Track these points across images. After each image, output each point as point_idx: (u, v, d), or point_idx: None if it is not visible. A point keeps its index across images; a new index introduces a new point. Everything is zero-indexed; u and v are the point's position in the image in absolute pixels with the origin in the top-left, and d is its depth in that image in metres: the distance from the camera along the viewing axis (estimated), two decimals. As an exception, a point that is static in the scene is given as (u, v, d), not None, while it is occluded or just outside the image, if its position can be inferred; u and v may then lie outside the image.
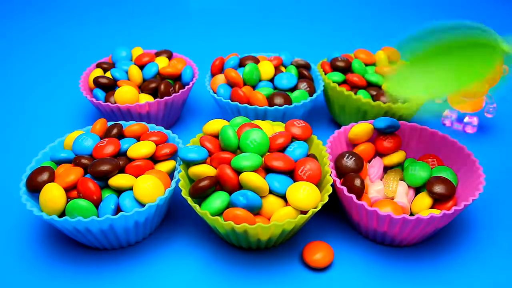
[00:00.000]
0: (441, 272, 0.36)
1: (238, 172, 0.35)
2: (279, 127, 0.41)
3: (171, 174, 0.39)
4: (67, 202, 0.35)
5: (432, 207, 0.38)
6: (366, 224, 0.37)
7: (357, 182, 0.37)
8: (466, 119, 0.52)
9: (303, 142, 0.39)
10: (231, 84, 0.48)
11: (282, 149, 0.38)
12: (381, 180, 0.41)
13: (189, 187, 0.36)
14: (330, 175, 0.37)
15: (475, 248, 0.39)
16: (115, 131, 0.41)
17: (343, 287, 0.35)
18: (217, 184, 0.36)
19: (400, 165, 0.43)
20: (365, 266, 0.37)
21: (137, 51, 0.54)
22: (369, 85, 0.50)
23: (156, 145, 0.40)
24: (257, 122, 0.41)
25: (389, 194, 0.39)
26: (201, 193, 0.35)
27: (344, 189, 0.36)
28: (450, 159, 0.42)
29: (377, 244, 0.39)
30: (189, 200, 0.35)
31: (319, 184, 0.38)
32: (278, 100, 0.46)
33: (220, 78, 0.50)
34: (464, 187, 0.39)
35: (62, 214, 0.35)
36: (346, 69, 0.51)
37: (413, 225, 0.35)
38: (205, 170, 0.36)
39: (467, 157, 0.40)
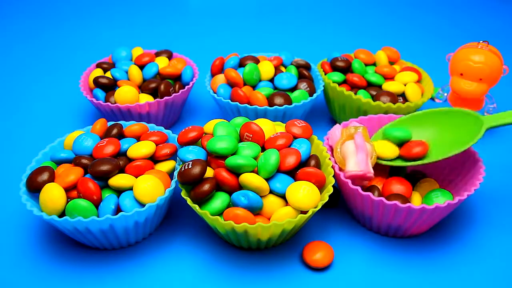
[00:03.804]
0: (444, 263, 0.36)
1: (234, 172, 0.35)
2: (279, 127, 0.41)
3: (171, 174, 0.39)
4: (67, 202, 0.35)
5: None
6: (370, 215, 0.38)
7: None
8: (466, 119, 0.52)
9: (306, 140, 0.38)
10: (231, 84, 0.48)
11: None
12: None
13: (190, 189, 0.36)
14: (333, 176, 0.37)
15: (476, 240, 0.39)
16: (115, 131, 0.41)
17: (343, 287, 0.35)
18: (217, 186, 0.36)
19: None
20: (365, 266, 0.37)
21: (137, 51, 0.54)
22: (369, 85, 0.50)
23: (156, 145, 0.40)
24: (258, 120, 0.41)
25: (338, 160, 0.38)
26: (202, 198, 0.35)
27: (349, 181, 0.37)
28: None
29: (380, 237, 0.39)
30: (189, 201, 0.35)
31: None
32: (278, 100, 0.46)
33: (220, 78, 0.50)
34: (465, 179, 0.40)
35: (62, 214, 0.35)
36: (346, 69, 0.51)
37: (418, 214, 0.35)
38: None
39: (467, 151, 0.41)
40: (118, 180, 0.36)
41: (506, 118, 0.38)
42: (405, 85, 0.49)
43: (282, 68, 0.51)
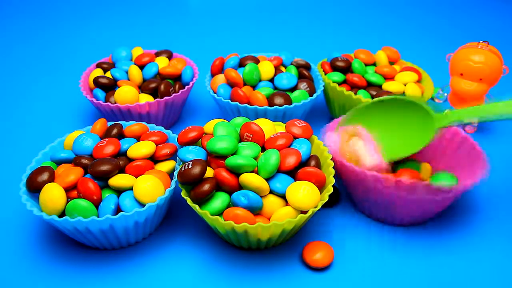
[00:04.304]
0: (444, 263, 0.37)
1: (234, 172, 0.35)
2: (279, 127, 0.41)
3: (171, 174, 0.39)
4: (67, 202, 0.35)
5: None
6: (374, 197, 0.38)
7: None
8: (466, 119, 0.52)
9: (306, 140, 0.38)
10: (231, 84, 0.48)
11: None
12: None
13: (190, 189, 0.36)
14: (334, 176, 0.37)
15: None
16: (115, 131, 0.41)
17: (343, 287, 0.35)
18: (217, 186, 0.36)
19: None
20: (365, 266, 0.37)
21: (137, 51, 0.54)
22: (369, 85, 0.50)
23: (156, 145, 0.40)
24: (258, 120, 0.41)
25: (350, 160, 0.38)
26: (202, 198, 0.35)
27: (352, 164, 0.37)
28: (452, 146, 0.42)
29: (380, 237, 0.39)
30: (189, 201, 0.35)
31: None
32: (278, 100, 0.46)
33: (220, 78, 0.50)
34: (465, 173, 0.40)
35: (62, 214, 0.35)
36: (346, 69, 0.51)
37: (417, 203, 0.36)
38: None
39: (469, 145, 0.41)
40: (118, 180, 0.36)
41: (457, 116, 0.37)
42: (405, 85, 0.49)
43: (282, 68, 0.51)
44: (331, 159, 0.38)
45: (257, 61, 0.50)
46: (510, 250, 0.38)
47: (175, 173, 0.38)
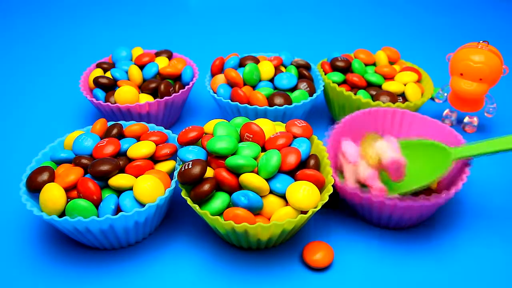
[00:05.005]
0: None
1: (234, 172, 0.35)
2: (279, 127, 0.41)
3: (171, 174, 0.39)
4: (67, 202, 0.35)
5: None
6: (377, 213, 0.38)
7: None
8: (466, 119, 0.52)
9: (305, 139, 0.38)
10: (231, 84, 0.48)
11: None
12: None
13: (190, 189, 0.36)
14: (332, 175, 0.37)
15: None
16: (115, 131, 0.41)
17: (343, 287, 0.35)
18: (217, 186, 0.36)
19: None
20: (365, 266, 0.37)
21: (137, 51, 0.54)
22: (369, 85, 0.50)
23: (156, 145, 0.40)
24: (258, 120, 0.41)
25: (372, 162, 0.38)
26: (202, 198, 0.35)
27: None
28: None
29: (380, 237, 0.39)
30: (189, 201, 0.35)
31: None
32: (278, 100, 0.46)
33: (220, 78, 0.50)
34: (454, 173, 0.41)
35: (62, 214, 0.35)
36: (346, 69, 0.51)
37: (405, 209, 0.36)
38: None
39: (457, 142, 0.41)
40: (118, 180, 0.36)
41: (473, 150, 0.39)
42: (405, 85, 0.49)
43: (282, 68, 0.51)
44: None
45: (257, 61, 0.50)
46: (508, 251, 0.38)
47: (175, 173, 0.38)
